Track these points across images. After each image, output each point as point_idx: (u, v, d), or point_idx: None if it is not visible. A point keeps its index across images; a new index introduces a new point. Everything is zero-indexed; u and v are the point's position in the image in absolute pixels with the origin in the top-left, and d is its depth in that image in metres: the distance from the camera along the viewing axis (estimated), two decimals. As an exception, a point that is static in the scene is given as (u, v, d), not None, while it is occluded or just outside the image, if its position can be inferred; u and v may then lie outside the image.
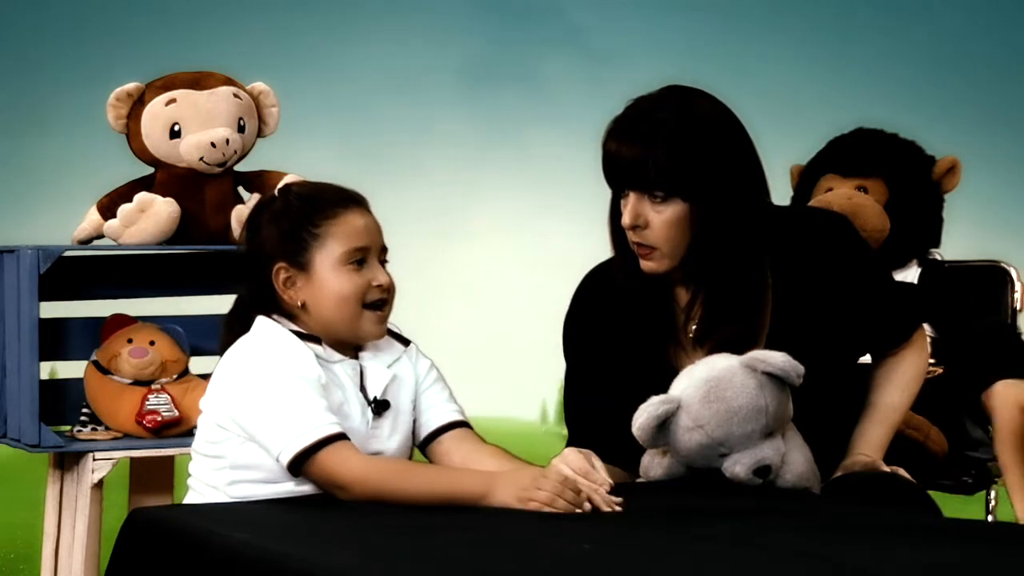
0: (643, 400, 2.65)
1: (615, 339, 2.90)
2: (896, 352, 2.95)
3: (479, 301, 6.70)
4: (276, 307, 2.68)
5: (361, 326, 2.67)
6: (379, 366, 2.72)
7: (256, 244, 2.70)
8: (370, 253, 2.67)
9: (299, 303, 2.66)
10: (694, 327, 2.85)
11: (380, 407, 2.69)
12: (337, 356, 2.68)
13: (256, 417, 2.57)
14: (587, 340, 2.95)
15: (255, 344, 2.64)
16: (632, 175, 2.74)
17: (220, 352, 2.70)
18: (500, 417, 6.57)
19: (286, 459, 2.54)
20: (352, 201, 2.70)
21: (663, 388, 2.68)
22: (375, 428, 2.68)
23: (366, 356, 2.72)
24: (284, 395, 2.56)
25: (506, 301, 6.56)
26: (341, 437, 2.55)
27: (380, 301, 2.67)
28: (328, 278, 2.64)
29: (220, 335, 2.73)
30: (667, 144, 2.71)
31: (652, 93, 2.81)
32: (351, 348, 2.71)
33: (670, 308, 2.87)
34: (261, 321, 2.67)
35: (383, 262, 2.70)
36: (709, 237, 2.75)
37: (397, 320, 2.77)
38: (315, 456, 2.53)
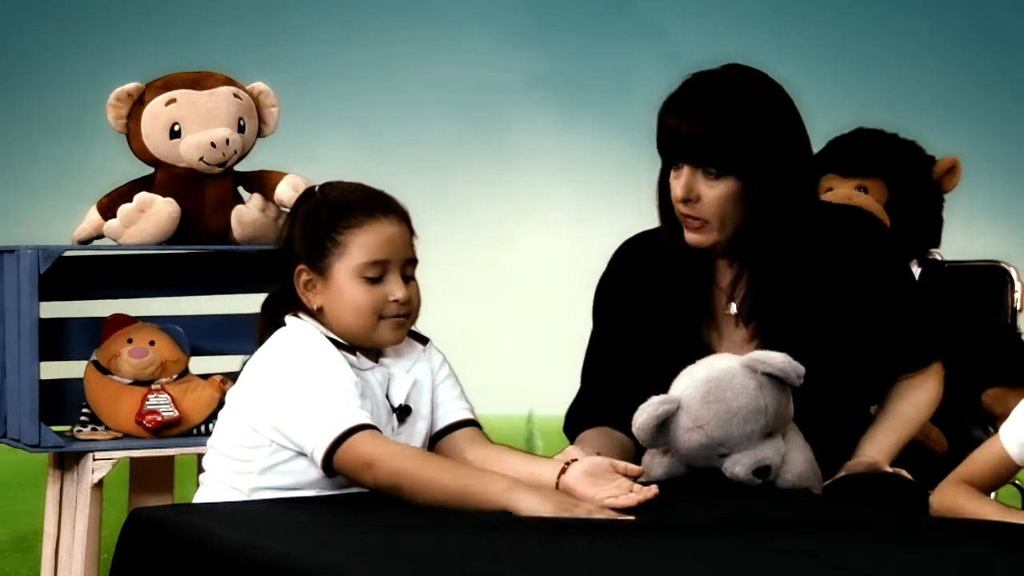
0: (668, 373, 2.65)
1: (647, 308, 2.89)
2: (911, 377, 2.95)
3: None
4: (301, 306, 2.67)
5: (378, 334, 2.64)
6: (401, 372, 2.69)
7: (287, 240, 2.69)
8: (391, 266, 2.63)
9: (316, 307, 2.65)
10: (734, 306, 2.85)
11: (403, 413, 2.68)
12: (368, 363, 2.65)
13: (292, 417, 2.54)
14: (617, 305, 2.95)
15: (291, 349, 2.61)
16: (688, 150, 2.75)
17: (257, 342, 2.67)
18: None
19: (320, 451, 2.50)
20: (381, 210, 2.65)
21: (690, 362, 2.68)
22: (398, 436, 2.65)
23: (388, 360, 2.69)
24: (319, 395, 2.54)
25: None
26: (374, 427, 2.53)
27: (398, 316, 2.64)
28: (345, 287, 2.62)
29: (255, 327, 2.70)
30: (725, 122, 2.73)
31: (711, 70, 2.82)
32: (374, 352, 2.69)
33: (708, 285, 2.87)
34: (294, 323, 2.65)
35: (408, 277, 2.65)
36: (761, 216, 2.76)
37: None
38: (347, 441, 2.49)
